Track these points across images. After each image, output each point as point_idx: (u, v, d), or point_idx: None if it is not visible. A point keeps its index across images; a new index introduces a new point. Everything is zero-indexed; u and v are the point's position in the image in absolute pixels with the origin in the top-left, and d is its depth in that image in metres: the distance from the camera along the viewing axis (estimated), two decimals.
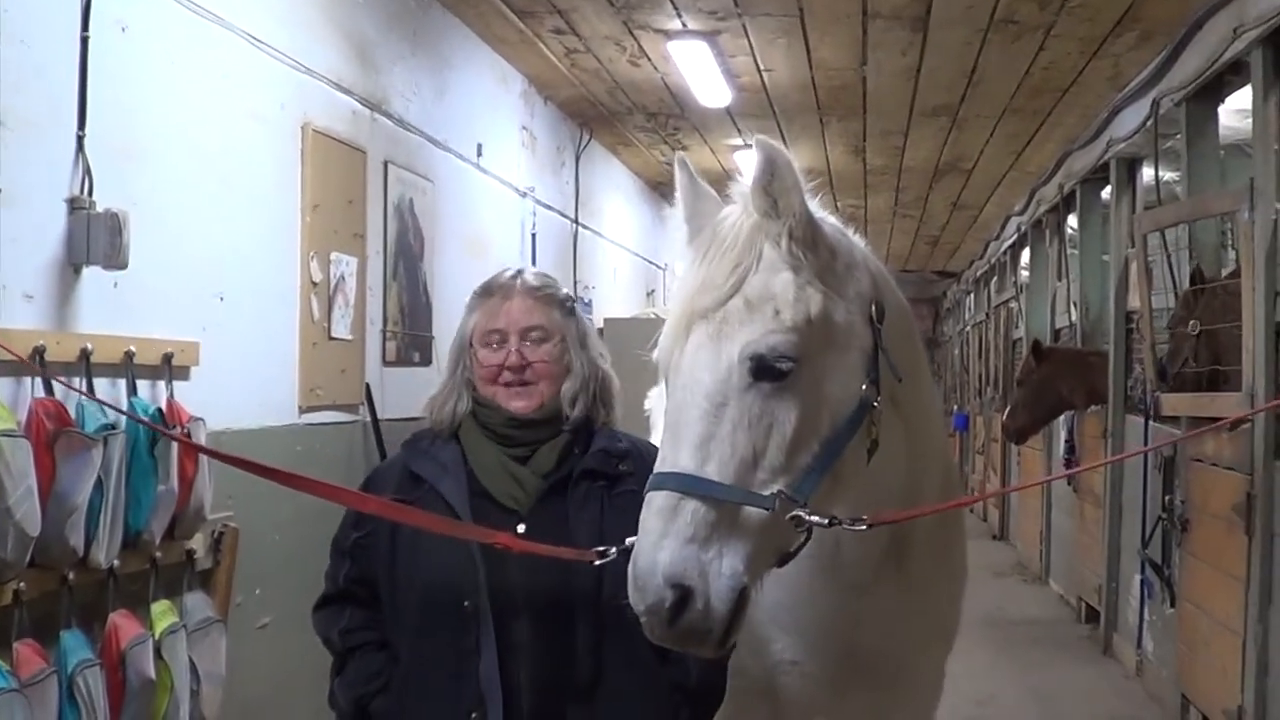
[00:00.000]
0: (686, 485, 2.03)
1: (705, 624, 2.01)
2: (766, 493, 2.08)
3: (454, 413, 2.75)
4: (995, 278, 15.05)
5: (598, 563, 2.38)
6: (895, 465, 2.38)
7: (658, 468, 2.09)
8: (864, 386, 2.21)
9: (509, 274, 2.79)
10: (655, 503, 2.03)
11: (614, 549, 2.35)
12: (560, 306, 2.75)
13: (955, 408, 18.85)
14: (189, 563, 4.11)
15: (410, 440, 2.82)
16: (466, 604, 2.53)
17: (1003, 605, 9.85)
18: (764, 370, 2.11)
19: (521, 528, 2.60)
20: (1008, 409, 9.48)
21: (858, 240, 2.47)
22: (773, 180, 2.18)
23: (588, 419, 2.72)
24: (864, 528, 2.25)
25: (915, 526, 2.54)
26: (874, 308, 2.29)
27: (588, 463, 2.67)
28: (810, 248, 2.21)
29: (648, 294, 13.71)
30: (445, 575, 2.55)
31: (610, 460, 2.68)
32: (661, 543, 1.99)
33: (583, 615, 2.53)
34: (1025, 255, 12.67)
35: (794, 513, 2.11)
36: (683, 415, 2.10)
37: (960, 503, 2.99)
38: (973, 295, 17.87)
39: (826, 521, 2.16)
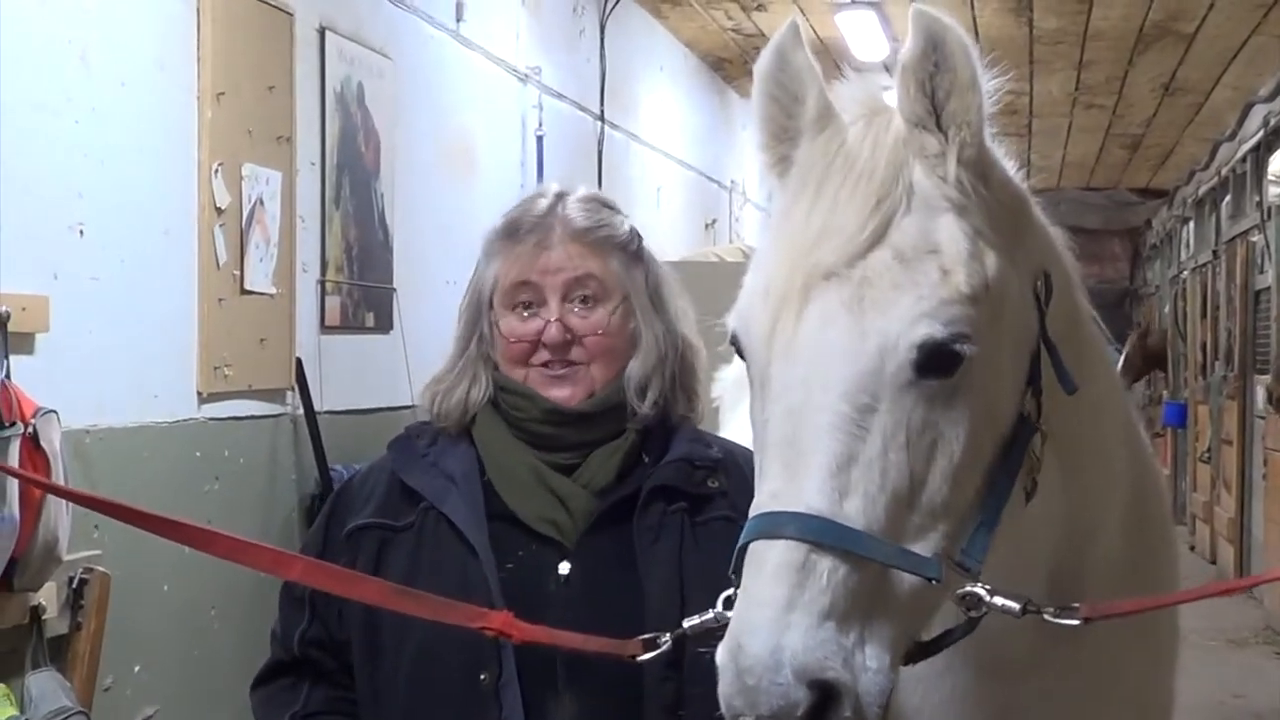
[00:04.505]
0: (820, 533, 1.97)
1: None
2: (925, 550, 2.05)
3: (466, 402, 2.75)
4: (1229, 197, 14.89)
5: (643, 658, 2.37)
6: (1049, 513, 2.37)
7: (766, 504, 2.03)
8: (1027, 398, 2.21)
9: (545, 202, 2.77)
10: (772, 558, 1.97)
11: (666, 636, 2.34)
12: (622, 251, 2.76)
13: (1165, 393, 18.70)
14: (35, 626, 4.12)
15: (401, 439, 2.83)
16: (483, 678, 2.55)
17: (1244, 689, 9.73)
18: (934, 360, 2.05)
19: (565, 567, 2.62)
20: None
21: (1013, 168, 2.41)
22: (938, 71, 2.12)
23: (663, 413, 2.73)
24: (1076, 622, 2.23)
25: (1091, 570, 2.51)
26: (1041, 281, 2.26)
27: (663, 476, 2.67)
28: (982, 180, 2.18)
29: (707, 225, 13.66)
30: (451, 635, 2.52)
31: (694, 474, 2.69)
32: (787, 618, 1.93)
33: (654, 695, 2.54)
34: (1277, 161, 12.50)
35: (969, 589, 2.10)
36: (804, 425, 2.05)
37: (1231, 588, 2.94)
38: (1192, 224, 17.71)
39: (1018, 608, 2.13)
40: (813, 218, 2.14)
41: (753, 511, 2.03)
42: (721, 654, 1.95)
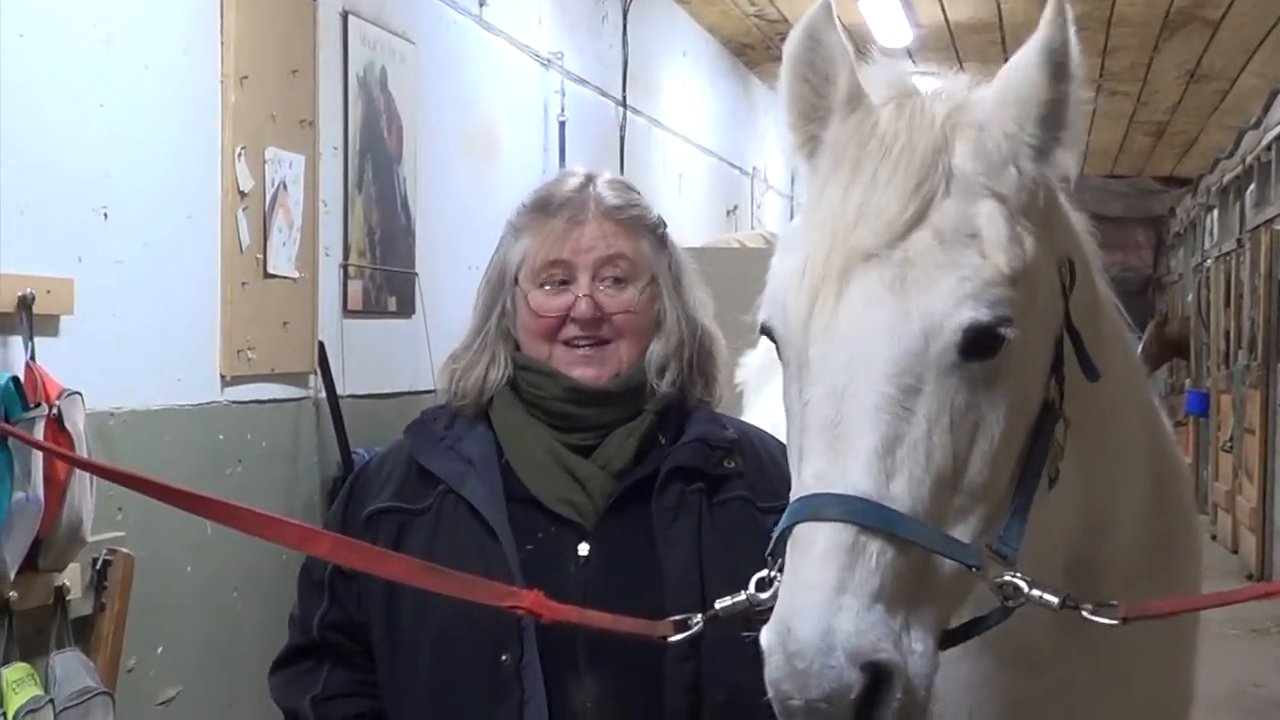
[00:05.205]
0: (867, 515, 1.97)
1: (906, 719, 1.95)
2: (963, 536, 2.05)
3: (484, 381, 2.77)
4: (1253, 185, 14.82)
5: (675, 638, 2.36)
6: (1068, 500, 2.37)
7: (810, 485, 2.02)
8: (1051, 384, 2.21)
9: (575, 181, 2.81)
10: (820, 540, 1.96)
11: (698, 617, 2.34)
12: (651, 233, 2.81)
13: (1187, 382, 18.63)
14: (59, 606, 4.13)
15: (417, 423, 2.85)
16: (504, 659, 2.57)
17: (1264, 679, 9.73)
18: (978, 342, 2.05)
19: (584, 549, 2.64)
20: None
21: None
22: (1067, 62, 2.25)
23: (680, 395, 2.75)
24: (1115, 622, 2.22)
25: (1110, 558, 2.51)
26: (1065, 267, 2.28)
27: (680, 457, 2.69)
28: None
29: (729, 211, 13.64)
30: (472, 616, 2.54)
31: (711, 454, 2.71)
32: (839, 601, 1.92)
33: (676, 674, 2.55)
34: None
35: (1007, 578, 2.11)
36: (847, 407, 2.04)
37: (1274, 590, 2.94)
38: (1216, 212, 17.63)
39: (1056, 602, 2.14)
40: (849, 199, 2.13)
41: (795, 494, 2.02)
42: (769, 637, 1.94)
